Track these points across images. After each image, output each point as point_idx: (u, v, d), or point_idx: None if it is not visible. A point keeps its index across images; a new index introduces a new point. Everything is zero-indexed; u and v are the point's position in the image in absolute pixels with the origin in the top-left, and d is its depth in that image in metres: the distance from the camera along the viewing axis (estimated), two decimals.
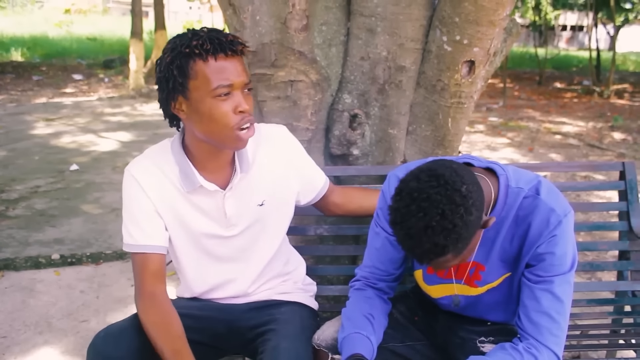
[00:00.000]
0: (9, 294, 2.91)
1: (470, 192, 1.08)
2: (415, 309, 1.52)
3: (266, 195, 1.47)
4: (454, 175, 1.08)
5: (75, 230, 3.82)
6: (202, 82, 1.26)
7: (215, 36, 1.26)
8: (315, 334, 1.42)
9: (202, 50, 1.24)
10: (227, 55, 1.26)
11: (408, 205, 1.07)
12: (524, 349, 1.20)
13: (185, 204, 1.41)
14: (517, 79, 15.26)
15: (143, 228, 1.39)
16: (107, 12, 33.84)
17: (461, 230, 1.06)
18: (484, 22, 1.69)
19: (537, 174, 1.29)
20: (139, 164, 1.41)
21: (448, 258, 1.11)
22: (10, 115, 8.05)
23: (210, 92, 1.26)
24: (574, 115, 9.66)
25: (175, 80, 1.27)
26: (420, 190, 1.07)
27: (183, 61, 1.25)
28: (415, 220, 1.06)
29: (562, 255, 1.20)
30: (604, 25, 16.52)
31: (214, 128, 1.30)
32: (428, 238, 1.05)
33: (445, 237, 1.05)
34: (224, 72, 1.26)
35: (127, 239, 1.40)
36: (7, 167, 5.35)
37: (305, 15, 1.82)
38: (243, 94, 1.30)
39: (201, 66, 1.25)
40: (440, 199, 1.05)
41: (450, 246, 1.07)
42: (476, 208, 1.09)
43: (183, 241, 1.46)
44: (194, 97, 1.28)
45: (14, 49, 15.24)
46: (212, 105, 1.27)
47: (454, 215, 1.05)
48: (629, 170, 1.92)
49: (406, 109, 1.94)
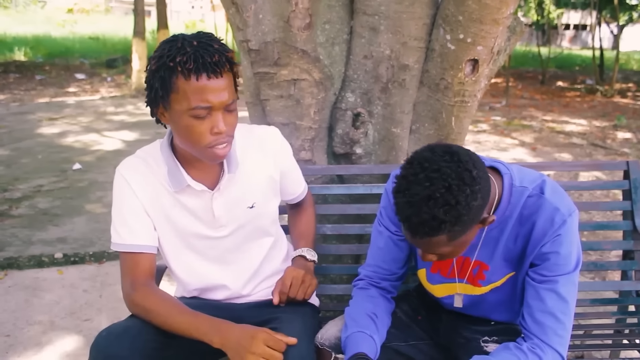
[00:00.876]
0: (12, 293, 2.92)
1: (480, 178, 1.08)
2: (419, 308, 1.51)
3: (256, 197, 1.48)
4: (468, 157, 1.08)
5: (78, 229, 3.82)
6: (182, 98, 1.25)
7: (202, 54, 1.22)
8: (319, 333, 1.42)
9: (185, 68, 1.22)
10: (209, 76, 1.23)
11: (416, 174, 1.07)
12: (528, 349, 1.20)
13: (174, 204, 1.42)
14: (520, 78, 15.23)
15: (131, 228, 1.39)
16: (110, 11, 33.90)
17: (462, 210, 1.05)
18: (488, 21, 1.69)
19: (542, 173, 1.29)
20: (129, 163, 1.41)
21: (440, 240, 1.10)
22: (13, 114, 8.07)
23: (188, 111, 1.25)
24: (577, 114, 9.63)
25: (157, 91, 1.27)
26: (432, 161, 1.07)
27: (166, 74, 1.24)
28: (420, 188, 1.05)
29: (566, 254, 1.20)
30: (607, 24, 16.47)
31: (189, 143, 1.31)
32: (429, 209, 1.05)
33: (445, 212, 1.04)
34: (203, 93, 1.24)
35: (115, 239, 1.41)
36: (11, 167, 5.36)
37: (308, 13, 1.81)
38: (224, 114, 1.29)
39: (182, 83, 1.24)
40: (450, 172, 1.05)
41: (448, 224, 1.06)
42: (482, 196, 1.08)
43: (173, 241, 1.46)
44: (174, 110, 1.27)
45: (17, 48, 15.28)
46: (188, 122, 1.27)
47: (460, 192, 1.04)
48: (633, 169, 1.91)
49: (409, 107, 1.93)
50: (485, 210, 1.13)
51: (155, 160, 1.41)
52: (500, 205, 1.23)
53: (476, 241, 1.28)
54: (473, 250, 1.30)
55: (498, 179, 1.24)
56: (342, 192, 1.91)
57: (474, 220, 1.10)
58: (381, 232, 1.43)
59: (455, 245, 1.14)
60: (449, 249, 1.15)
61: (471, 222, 1.09)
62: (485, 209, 1.14)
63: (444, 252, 1.15)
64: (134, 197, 1.39)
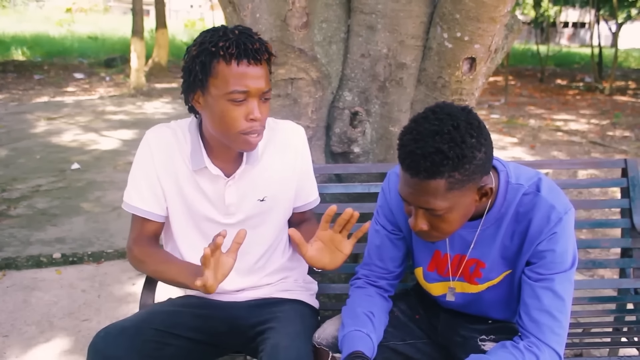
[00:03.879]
0: (10, 293, 2.92)
1: (487, 140, 1.11)
2: (417, 307, 1.51)
3: (268, 192, 1.49)
4: (481, 121, 1.12)
5: (77, 229, 3.82)
6: (221, 82, 1.29)
7: (243, 41, 1.27)
8: (316, 333, 1.42)
9: (227, 52, 1.26)
10: (249, 62, 1.28)
11: (427, 116, 1.10)
12: (525, 348, 1.20)
13: (189, 181, 1.45)
14: (519, 76, 15.24)
15: (142, 194, 1.45)
16: (108, 10, 33.88)
17: (467, 151, 1.07)
18: (485, 19, 1.69)
19: (538, 171, 1.29)
20: (158, 130, 1.46)
21: (439, 186, 1.09)
22: (11, 114, 8.05)
23: (226, 95, 1.29)
24: (576, 112, 9.64)
25: (196, 75, 1.30)
26: (444, 107, 1.11)
27: (207, 59, 1.28)
28: (428, 125, 1.08)
29: (562, 252, 1.20)
30: (606, 21, 16.47)
31: (223, 128, 1.33)
32: (434, 142, 1.06)
33: (450, 148, 1.06)
34: (243, 78, 1.28)
35: (126, 198, 1.46)
36: (9, 166, 5.36)
37: (305, 12, 1.81)
38: (259, 102, 1.32)
39: (223, 67, 1.28)
40: (459, 116, 1.09)
41: (450, 163, 1.06)
42: (485, 152, 1.10)
43: (182, 217, 1.48)
44: (211, 95, 1.31)
45: (15, 48, 15.26)
46: (225, 107, 1.30)
47: (467, 134, 1.07)
48: (631, 167, 1.91)
49: (407, 106, 1.93)
50: (483, 180, 1.14)
51: (184, 135, 1.45)
52: (496, 202, 1.23)
53: (471, 238, 1.28)
54: (467, 247, 1.30)
55: (494, 175, 1.24)
56: (339, 191, 1.91)
57: (473, 175, 1.10)
58: (378, 230, 1.43)
59: (450, 202, 1.12)
60: (444, 205, 1.12)
61: (471, 175, 1.10)
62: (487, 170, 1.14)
63: (438, 207, 1.12)
64: (151, 165, 1.44)
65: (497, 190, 1.23)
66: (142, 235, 1.46)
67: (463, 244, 1.31)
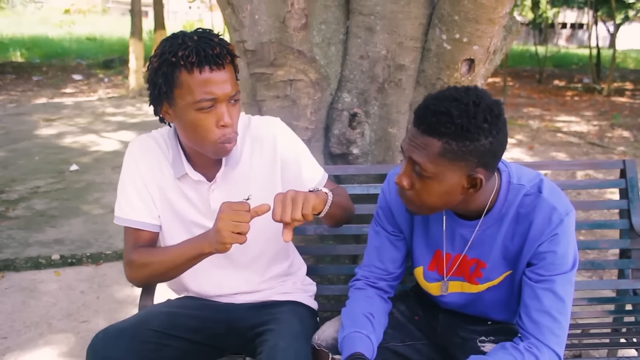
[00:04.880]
0: (9, 294, 2.91)
1: (498, 135, 1.11)
2: (416, 308, 1.51)
3: (252, 190, 1.43)
4: (504, 118, 1.14)
5: (76, 230, 3.82)
6: (186, 92, 1.26)
7: (203, 47, 1.24)
8: (315, 334, 1.42)
9: (187, 61, 1.23)
10: (212, 68, 1.25)
11: (458, 88, 1.14)
12: (525, 349, 1.20)
13: (175, 189, 1.44)
14: (517, 77, 15.25)
15: (133, 205, 1.43)
16: (107, 12, 33.84)
17: (472, 128, 1.08)
18: (484, 20, 1.69)
19: (539, 172, 1.29)
20: (141, 141, 1.46)
21: (433, 145, 1.11)
22: (10, 115, 8.05)
23: (194, 104, 1.26)
24: (575, 113, 9.64)
25: (160, 88, 1.28)
26: (479, 89, 1.14)
27: (169, 70, 1.25)
28: (455, 92, 1.12)
29: (563, 254, 1.20)
30: (604, 22, 16.51)
31: (196, 139, 1.32)
32: (449, 105, 1.09)
33: (459, 116, 1.08)
34: (207, 86, 1.25)
35: (117, 212, 1.45)
36: (7, 168, 5.35)
37: (304, 14, 1.81)
38: (228, 106, 1.30)
39: (186, 77, 1.25)
40: (486, 99, 1.11)
41: (452, 129, 1.08)
42: (491, 143, 1.11)
43: (173, 225, 1.47)
44: (178, 105, 1.29)
45: (13, 49, 15.24)
46: (194, 117, 1.28)
47: (482, 114, 1.09)
48: (630, 168, 1.91)
49: (406, 107, 1.93)
50: (478, 171, 1.14)
51: (166, 142, 1.45)
52: (497, 202, 1.23)
53: (468, 236, 1.29)
54: (464, 245, 1.30)
55: (497, 175, 1.24)
56: None
57: (469, 156, 1.11)
58: (378, 232, 1.43)
59: (437, 168, 1.12)
60: (430, 169, 1.13)
61: (467, 154, 1.10)
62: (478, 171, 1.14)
63: (424, 166, 1.13)
64: (138, 175, 1.43)
65: (498, 190, 1.23)
66: (137, 245, 1.42)
67: (463, 244, 1.31)
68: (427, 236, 1.37)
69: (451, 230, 1.31)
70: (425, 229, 1.37)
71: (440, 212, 1.32)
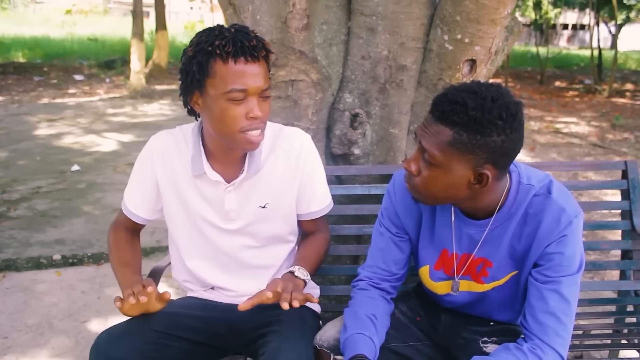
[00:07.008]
0: (10, 294, 2.91)
1: (512, 135, 1.11)
2: (418, 309, 1.51)
3: (270, 199, 1.47)
4: (522, 119, 1.14)
5: (77, 230, 3.82)
6: (219, 82, 1.27)
7: (240, 39, 1.26)
8: (317, 335, 1.42)
9: (223, 51, 1.25)
10: (247, 60, 1.26)
11: (480, 82, 1.14)
12: (529, 350, 1.19)
13: (190, 185, 1.45)
14: (519, 78, 15.24)
15: (134, 197, 1.51)
16: (108, 12, 33.90)
17: (485, 123, 1.08)
18: (485, 21, 1.69)
19: (548, 173, 1.29)
20: (161, 136, 1.48)
21: (444, 133, 1.11)
22: (11, 116, 8.06)
23: (225, 94, 1.27)
24: (576, 114, 9.64)
25: (194, 76, 1.29)
26: (502, 87, 1.13)
27: (204, 58, 1.27)
28: (475, 86, 1.12)
29: (571, 256, 1.20)
30: (605, 23, 16.48)
31: (223, 128, 1.32)
32: (466, 96, 1.09)
33: (474, 108, 1.08)
34: (241, 77, 1.26)
35: (124, 195, 1.55)
36: (9, 168, 5.36)
37: (306, 14, 1.81)
38: (259, 100, 1.31)
39: (220, 66, 1.26)
40: (506, 97, 1.11)
41: (464, 120, 1.08)
42: (502, 142, 1.10)
43: (184, 223, 1.49)
44: (209, 95, 1.30)
45: (15, 50, 15.26)
46: (224, 106, 1.29)
47: (498, 111, 1.09)
48: (632, 169, 1.91)
49: (407, 108, 1.93)
50: (486, 167, 1.14)
51: (186, 140, 1.46)
52: (507, 201, 1.23)
53: (479, 237, 1.28)
54: (475, 246, 1.30)
55: (507, 175, 1.24)
56: (340, 193, 1.90)
57: (479, 151, 1.11)
58: (382, 233, 1.42)
59: (444, 158, 1.13)
60: (439, 157, 1.13)
61: (477, 147, 1.10)
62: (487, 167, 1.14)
63: (432, 153, 1.14)
64: (150, 171, 1.47)
65: (509, 190, 1.23)
66: (120, 225, 1.56)
67: (471, 244, 1.31)
68: (433, 235, 1.37)
69: (459, 229, 1.31)
70: (432, 228, 1.36)
71: (448, 211, 1.31)
